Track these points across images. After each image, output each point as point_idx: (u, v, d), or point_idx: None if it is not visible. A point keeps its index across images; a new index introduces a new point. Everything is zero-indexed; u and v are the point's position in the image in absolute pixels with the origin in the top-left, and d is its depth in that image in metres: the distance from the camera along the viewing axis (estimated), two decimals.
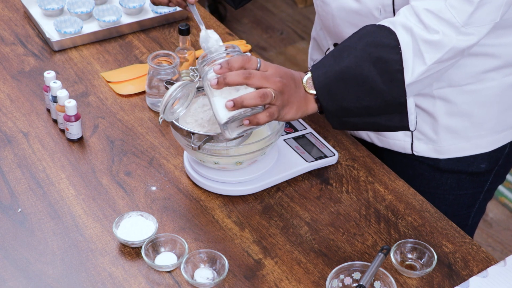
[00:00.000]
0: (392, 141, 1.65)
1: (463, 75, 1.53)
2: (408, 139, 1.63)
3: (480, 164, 1.64)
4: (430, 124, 1.59)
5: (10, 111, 1.71)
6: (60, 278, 1.36)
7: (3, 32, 1.95)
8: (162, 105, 1.39)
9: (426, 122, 1.60)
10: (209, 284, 1.35)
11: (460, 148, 1.62)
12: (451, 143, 1.61)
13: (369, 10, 1.48)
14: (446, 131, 1.60)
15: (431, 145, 1.62)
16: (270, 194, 1.54)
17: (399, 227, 1.48)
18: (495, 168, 1.68)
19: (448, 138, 1.60)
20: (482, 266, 1.41)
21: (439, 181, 1.67)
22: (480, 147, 1.62)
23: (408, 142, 1.64)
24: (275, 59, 3.64)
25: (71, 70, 1.84)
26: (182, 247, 1.39)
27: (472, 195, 1.72)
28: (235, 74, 1.31)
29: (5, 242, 1.42)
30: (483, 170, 1.66)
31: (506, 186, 2.95)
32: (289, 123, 1.67)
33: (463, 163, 1.64)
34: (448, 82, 1.54)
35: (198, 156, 1.49)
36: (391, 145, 1.66)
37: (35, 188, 1.53)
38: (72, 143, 1.64)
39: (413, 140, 1.63)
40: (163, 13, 2.00)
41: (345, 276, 1.35)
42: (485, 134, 1.61)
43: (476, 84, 1.54)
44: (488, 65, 1.52)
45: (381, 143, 1.67)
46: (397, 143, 1.65)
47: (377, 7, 1.47)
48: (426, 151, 1.63)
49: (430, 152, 1.63)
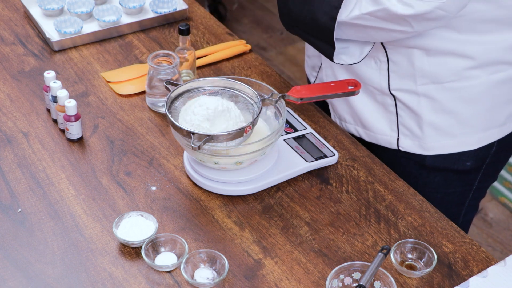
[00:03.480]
0: (380, 136, 1.67)
1: (445, 72, 1.54)
2: (395, 134, 1.65)
3: (466, 161, 1.65)
4: (415, 120, 1.61)
5: (10, 111, 1.71)
6: (60, 278, 1.36)
7: (3, 32, 1.95)
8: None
9: (411, 118, 1.61)
10: (209, 284, 1.35)
11: (445, 145, 1.63)
12: (436, 140, 1.62)
13: None
14: (431, 128, 1.61)
15: (417, 141, 1.63)
16: (270, 194, 1.54)
17: (399, 227, 1.48)
18: (483, 167, 1.68)
19: (433, 135, 1.61)
20: (482, 266, 1.41)
21: (426, 179, 1.68)
22: (465, 145, 1.62)
23: (394, 137, 1.65)
24: (275, 59, 3.64)
25: (71, 70, 1.84)
26: (182, 247, 1.39)
27: (461, 194, 1.73)
28: None
29: (5, 242, 1.42)
30: (468, 168, 1.66)
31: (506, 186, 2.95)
32: (289, 123, 1.67)
33: (448, 160, 1.64)
34: (431, 79, 1.55)
35: (198, 156, 1.49)
36: (378, 140, 1.68)
37: (35, 188, 1.53)
38: (72, 143, 1.64)
39: (399, 136, 1.65)
40: (163, 13, 2.00)
41: (345, 276, 1.35)
42: (471, 132, 1.61)
43: (460, 81, 1.54)
44: (467, 63, 1.52)
45: (368, 137, 1.69)
46: (384, 137, 1.67)
47: None
48: (412, 147, 1.64)
49: (415, 148, 1.64)
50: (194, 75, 1.79)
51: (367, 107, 1.65)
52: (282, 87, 1.82)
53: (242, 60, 1.90)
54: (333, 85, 1.56)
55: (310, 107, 1.75)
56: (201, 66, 1.87)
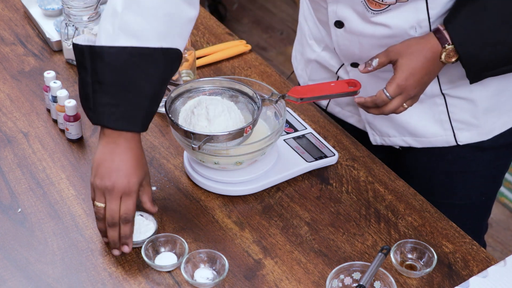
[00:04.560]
0: (433, 139, 1.63)
1: None
2: (449, 132, 1.62)
3: None
4: (469, 111, 1.58)
5: (10, 111, 1.71)
6: (60, 278, 1.36)
7: (3, 32, 1.95)
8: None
9: (464, 110, 1.58)
10: (209, 284, 1.35)
11: (502, 124, 1.62)
12: (493, 122, 1.61)
13: (403, 30, 1.46)
14: (487, 112, 1.59)
15: (475, 131, 1.61)
16: (270, 194, 1.54)
17: (399, 227, 1.48)
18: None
19: (490, 118, 1.60)
20: (482, 266, 1.41)
21: (480, 159, 1.66)
22: None
23: (450, 135, 1.62)
24: (275, 59, 3.64)
25: (71, 70, 1.84)
26: (182, 247, 1.39)
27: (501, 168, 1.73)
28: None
29: (5, 242, 1.42)
30: None
31: (506, 186, 2.95)
32: (289, 123, 1.67)
33: (504, 137, 1.64)
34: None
35: (198, 156, 1.49)
36: (432, 143, 1.64)
37: (35, 188, 1.53)
38: (72, 143, 1.64)
39: (455, 132, 1.61)
40: None
41: (345, 276, 1.35)
42: None
43: None
44: None
45: (421, 144, 1.65)
46: (438, 139, 1.63)
47: (413, 26, 1.45)
48: (471, 137, 1.62)
49: (474, 137, 1.62)
50: (194, 75, 1.79)
51: (412, 115, 1.61)
52: (282, 87, 1.82)
53: (242, 60, 1.90)
54: (333, 85, 1.55)
55: (310, 107, 1.75)
56: (201, 66, 1.87)
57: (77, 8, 1.76)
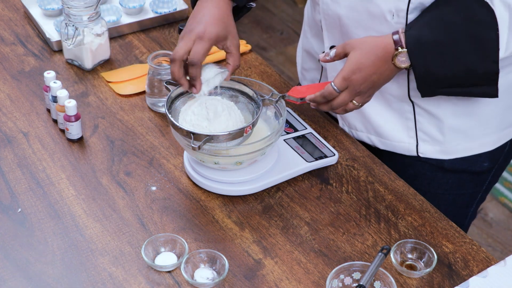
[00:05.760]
0: (397, 143, 1.64)
1: None
2: (413, 141, 1.62)
3: (483, 162, 1.64)
4: (436, 125, 1.58)
5: (10, 111, 1.71)
6: (60, 278, 1.36)
7: (3, 32, 1.95)
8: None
9: (431, 123, 1.58)
10: (209, 284, 1.35)
11: (466, 148, 1.61)
12: (458, 143, 1.60)
13: (381, 12, 1.46)
14: (453, 132, 1.59)
15: (438, 146, 1.61)
16: (270, 194, 1.54)
17: (399, 227, 1.48)
18: (495, 167, 1.68)
19: (455, 138, 1.60)
20: (482, 266, 1.41)
21: (441, 181, 1.67)
22: (485, 146, 1.62)
23: (413, 144, 1.62)
24: (275, 59, 3.64)
25: (71, 70, 1.84)
26: (182, 247, 1.39)
27: (471, 195, 1.72)
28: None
29: (5, 242, 1.42)
30: (485, 168, 1.65)
31: (506, 186, 2.95)
32: (289, 123, 1.67)
33: (467, 162, 1.63)
34: None
35: (198, 156, 1.49)
36: (395, 148, 1.65)
37: (35, 188, 1.53)
38: (72, 143, 1.64)
39: (418, 142, 1.62)
40: (163, 13, 2.00)
41: (345, 276, 1.35)
42: (490, 132, 1.60)
43: None
44: None
45: (384, 145, 1.66)
46: (401, 145, 1.64)
47: (390, 10, 1.45)
48: (432, 152, 1.62)
49: (436, 153, 1.62)
50: None
51: (381, 114, 1.62)
52: (282, 87, 1.82)
53: (242, 60, 1.90)
54: None
55: (310, 107, 1.75)
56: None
57: (77, 8, 1.76)
